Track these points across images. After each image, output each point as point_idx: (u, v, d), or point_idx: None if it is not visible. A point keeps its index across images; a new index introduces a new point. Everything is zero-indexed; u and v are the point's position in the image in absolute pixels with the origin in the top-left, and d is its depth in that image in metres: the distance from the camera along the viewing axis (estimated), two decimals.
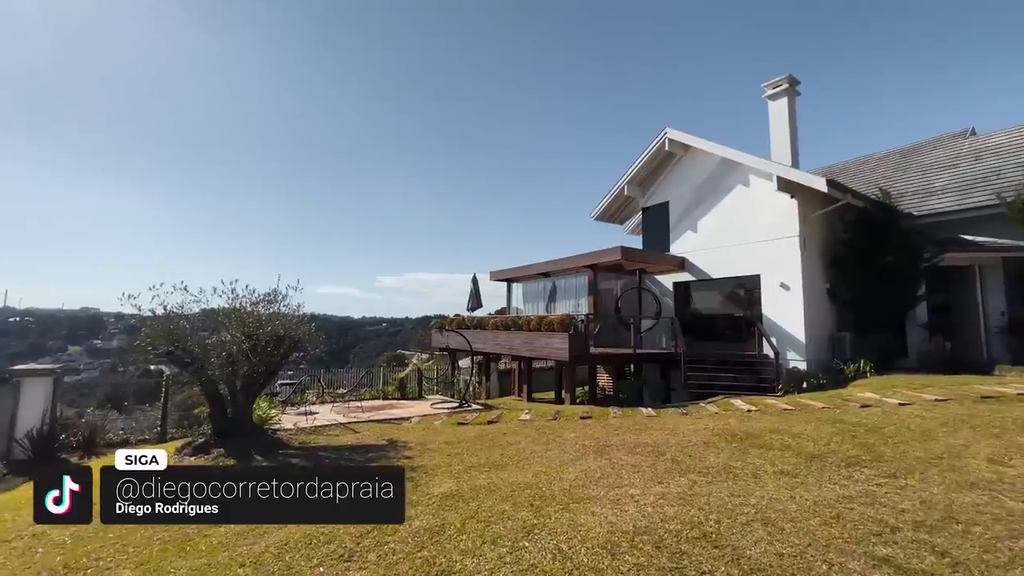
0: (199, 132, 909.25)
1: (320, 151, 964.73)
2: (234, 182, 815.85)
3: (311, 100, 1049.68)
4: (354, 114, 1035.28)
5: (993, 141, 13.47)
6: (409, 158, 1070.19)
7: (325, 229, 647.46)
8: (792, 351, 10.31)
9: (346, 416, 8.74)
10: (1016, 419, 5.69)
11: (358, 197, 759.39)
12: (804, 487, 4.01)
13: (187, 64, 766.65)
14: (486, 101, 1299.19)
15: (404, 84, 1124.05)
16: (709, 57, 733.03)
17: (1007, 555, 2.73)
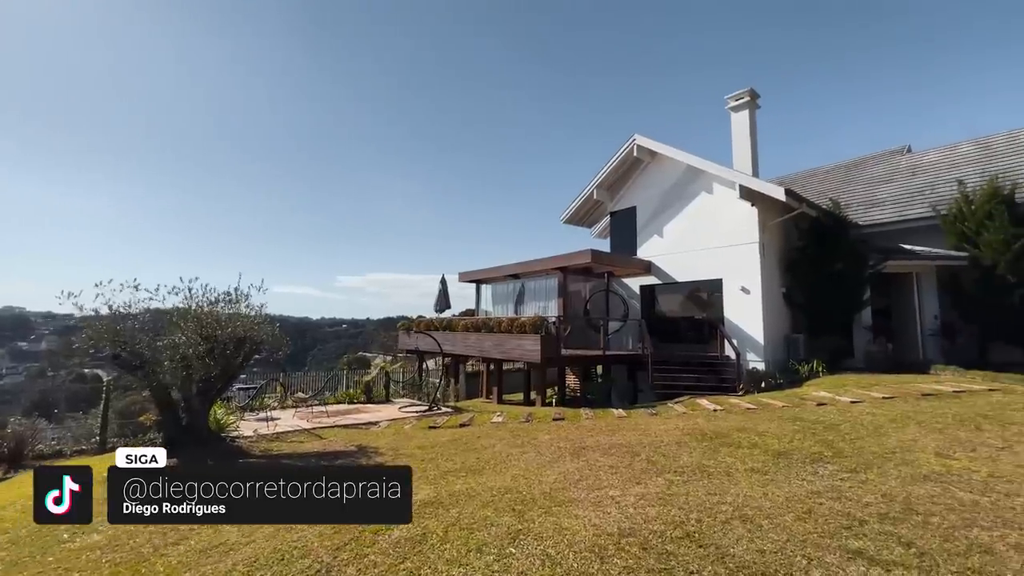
0: (150, 127, 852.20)
1: (283, 148, 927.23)
2: (188, 178, 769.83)
3: (272, 96, 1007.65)
4: (319, 111, 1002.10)
5: (927, 158, 14.64)
6: (375, 157, 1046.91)
7: (284, 227, 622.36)
8: (751, 352, 10.77)
9: (310, 421, 8.36)
10: (954, 415, 6.16)
11: (319, 195, 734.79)
12: (775, 484, 4.15)
13: (151, 61, 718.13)
14: (455, 102, 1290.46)
15: (377, 82, 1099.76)
16: (678, 66, 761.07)
17: (964, 544, 2.91)
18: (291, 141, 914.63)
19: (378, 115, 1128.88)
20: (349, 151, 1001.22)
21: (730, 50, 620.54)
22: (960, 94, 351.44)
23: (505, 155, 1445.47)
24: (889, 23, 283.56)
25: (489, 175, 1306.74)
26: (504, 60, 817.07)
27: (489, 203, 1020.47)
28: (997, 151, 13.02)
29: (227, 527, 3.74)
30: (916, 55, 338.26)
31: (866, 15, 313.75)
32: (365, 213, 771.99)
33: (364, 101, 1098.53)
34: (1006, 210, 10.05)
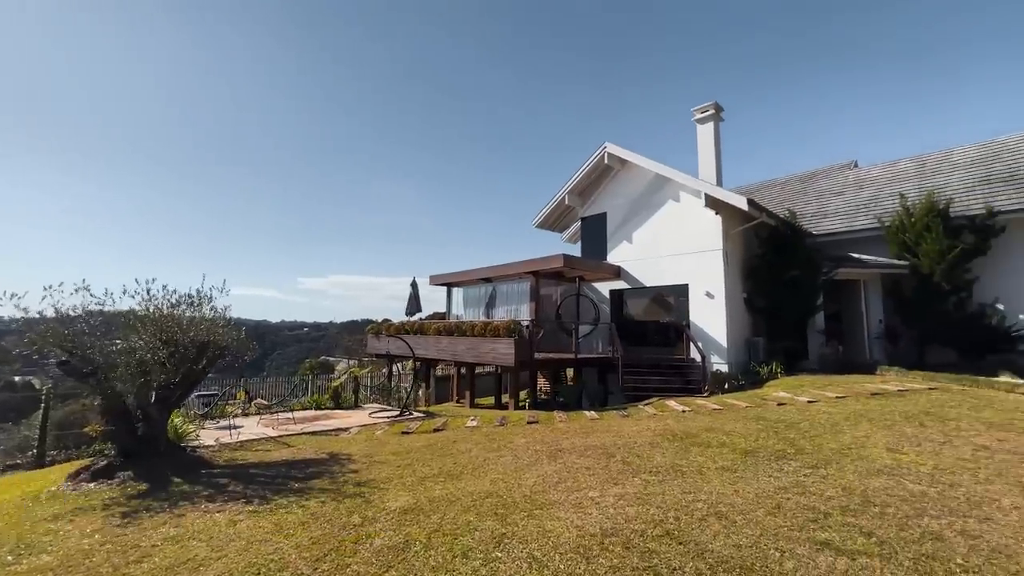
0: (111, 123, 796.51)
1: (249, 147, 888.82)
2: (146, 176, 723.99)
3: (235, 96, 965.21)
4: (288, 110, 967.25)
5: (872, 173, 15.72)
6: (342, 157, 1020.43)
7: (243, 227, 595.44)
8: (715, 354, 11.20)
9: (276, 429, 8.05)
10: (900, 412, 6.62)
11: (282, 194, 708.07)
12: (744, 481, 4.34)
13: (115, 58, 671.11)
14: (426, 106, 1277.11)
15: (350, 85, 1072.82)
16: (647, 76, 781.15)
17: (918, 532, 3.15)
18: (259, 140, 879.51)
19: (349, 117, 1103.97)
20: (317, 151, 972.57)
21: (701, 63, 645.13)
22: (904, 113, 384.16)
23: (477, 159, 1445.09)
24: (837, 49, 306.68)
25: (460, 179, 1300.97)
26: (477, 64, 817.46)
27: (460, 208, 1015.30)
28: (932, 168, 14.14)
29: (194, 542, 3.56)
30: (863, 76, 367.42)
31: (816, 46, 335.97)
32: (330, 213, 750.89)
33: (335, 102, 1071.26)
34: (941, 223, 10.92)
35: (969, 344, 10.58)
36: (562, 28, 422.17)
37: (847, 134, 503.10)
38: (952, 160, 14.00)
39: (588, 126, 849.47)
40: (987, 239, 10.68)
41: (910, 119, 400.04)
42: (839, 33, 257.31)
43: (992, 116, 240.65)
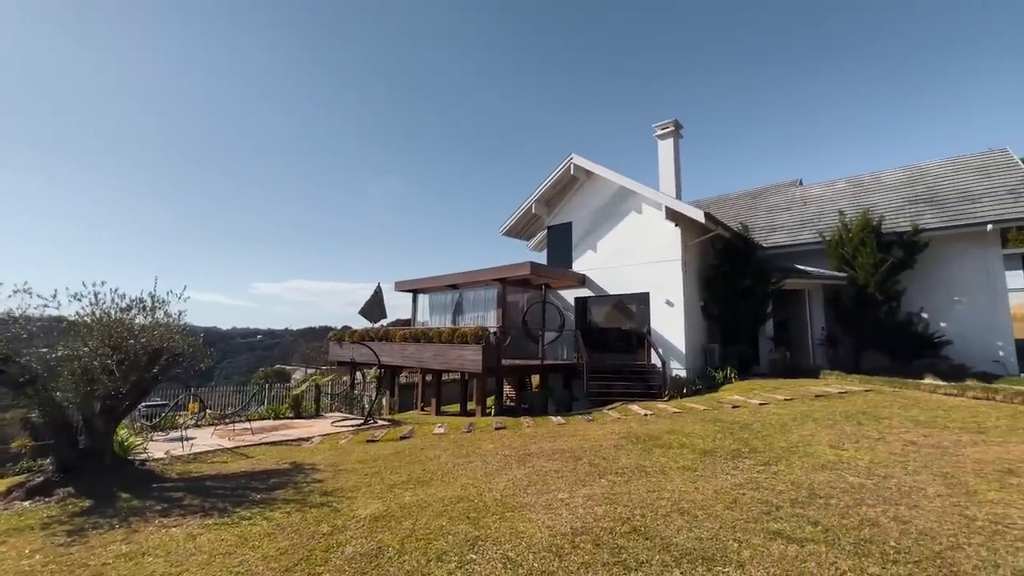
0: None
1: (192, 146, 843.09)
2: (82, 176, 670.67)
3: (188, 94, 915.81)
4: (237, 111, 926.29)
5: (815, 191, 16.92)
6: (302, 159, 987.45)
7: (191, 228, 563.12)
8: (675, 360, 11.66)
9: (232, 440, 7.70)
10: (841, 412, 7.16)
11: (236, 195, 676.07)
12: (704, 479, 4.58)
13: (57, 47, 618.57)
14: (396, 113, 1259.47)
15: (319, 84, 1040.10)
16: (614, 81, 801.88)
17: (857, 519, 3.45)
18: (211, 138, 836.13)
19: (313, 118, 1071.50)
20: (275, 149, 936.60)
21: (660, 75, 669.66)
22: (845, 137, 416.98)
23: (447, 165, 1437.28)
24: (781, 69, 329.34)
25: (429, 185, 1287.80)
26: (452, 81, 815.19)
27: (424, 212, 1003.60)
28: (867, 188, 15.41)
29: (150, 558, 3.39)
30: (803, 97, 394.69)
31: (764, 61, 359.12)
32: (287, 215, 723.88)
33: (296, 99, 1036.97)
34: (875, 238, 11.91)
35: (899, 349, 11.55)
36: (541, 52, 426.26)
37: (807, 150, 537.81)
38: (883, 181, 15.31)
39: (559, 135, 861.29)
40: (913, 254, 11.74)
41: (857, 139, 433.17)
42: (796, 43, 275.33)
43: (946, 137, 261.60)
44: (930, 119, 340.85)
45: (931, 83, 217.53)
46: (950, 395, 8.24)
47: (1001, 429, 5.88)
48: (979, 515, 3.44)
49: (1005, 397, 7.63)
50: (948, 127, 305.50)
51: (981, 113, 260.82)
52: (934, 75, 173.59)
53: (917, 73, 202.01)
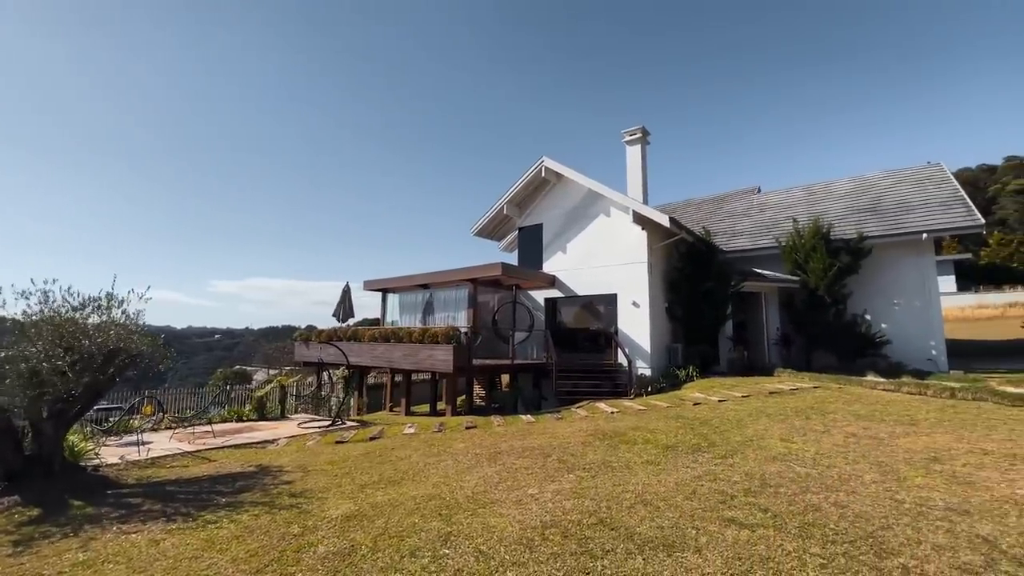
0: None
1: (145, 139, 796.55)
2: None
3: (145, 89, 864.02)
4: (199, 104, 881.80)
5: (771, 198, 17.82)
6: (262, 152, 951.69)
7: (146, 222, 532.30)
8: (640, 359, 12.06)
9: (192, 443, 7.44)
10: (792, 408, 7.64)
11: (193, 188, 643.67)
12: (666, 472, 4.82)
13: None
14: (367, 114, 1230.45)
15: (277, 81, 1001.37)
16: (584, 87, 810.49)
17: (802, 505, 3.74)
18: (168, 127, 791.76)
19: (277, 113, 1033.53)
20: (237, 147, 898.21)
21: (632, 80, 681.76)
22: (803, 146, 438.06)
23: (418, 164, 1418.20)
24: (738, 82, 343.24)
25: (398, 183, 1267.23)
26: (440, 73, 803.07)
27: (395, 211, 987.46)
28: (818, 197, 16.37)
29: (110, 565, 3.30)
30: (765, 106, 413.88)
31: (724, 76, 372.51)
32: (248, 210, 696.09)
33: (260, 92, 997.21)
34: (824, 244, 12.69)
35: (845, 349, 12.36)
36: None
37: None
38: (832, 191, 16.31)
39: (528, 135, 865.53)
40: (858, 260, 12.58)
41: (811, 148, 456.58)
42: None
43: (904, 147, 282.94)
44: (884, 130, 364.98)
45: (892, 93, 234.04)
46: (888, 391, 8.91)
47: (930, 421, 6.45)
48: (907, 499, 3.80)
49: (935, 392, 8.33)
50: (900, 138, 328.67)
51: (930, 125, 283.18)
52: (894, 86, 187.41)
53: (876, 84, 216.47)
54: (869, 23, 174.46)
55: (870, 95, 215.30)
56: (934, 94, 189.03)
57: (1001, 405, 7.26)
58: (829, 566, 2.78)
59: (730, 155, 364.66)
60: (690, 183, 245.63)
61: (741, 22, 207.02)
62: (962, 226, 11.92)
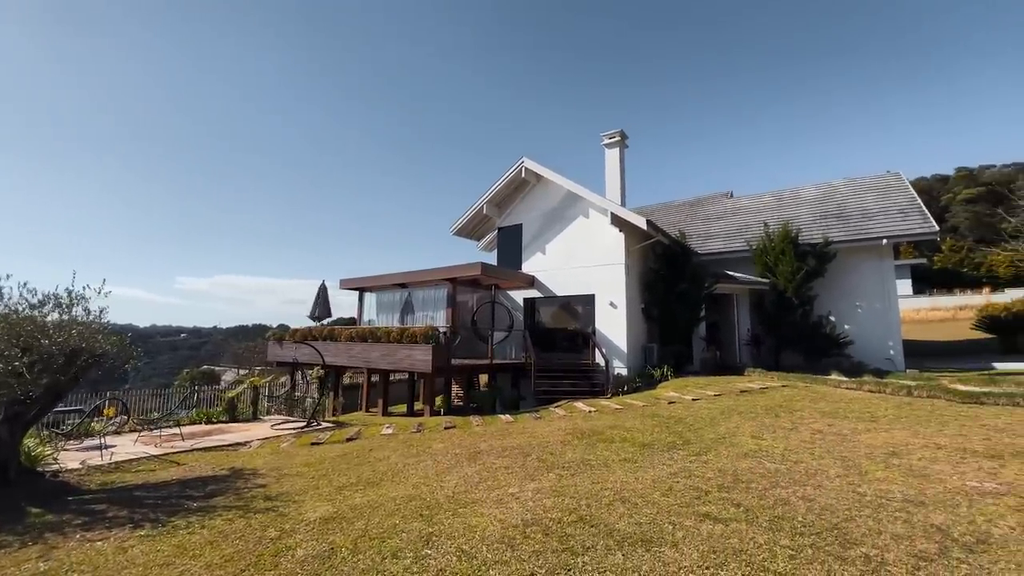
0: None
1: (111, 128, 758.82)
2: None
3: (112, 73, 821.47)
4: (163, 85, 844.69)
5: (743, 203, 18.38)
6: (234, 146, 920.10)
7: (108, 218, 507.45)
8: (617, 359, 12.26)
9: (159, 447, 7.17)
10: (762, 406, 7.91)
11: (160, 183, 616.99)
12: (643, 470, 4.94)
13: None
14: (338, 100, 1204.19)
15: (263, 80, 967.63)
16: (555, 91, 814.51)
17: (772, 499, 3.90)
18: (134, 117, 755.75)
19: (247, 106, 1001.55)
20: (206, 135, 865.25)
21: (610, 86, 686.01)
22: (772, 152, 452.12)
23: (394, 165, 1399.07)
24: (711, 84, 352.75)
25: (379, 181, 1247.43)
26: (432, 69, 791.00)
27: (361, 213, 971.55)
28: (787, 202, 16.98)
29: (74, 575, 3.17)
30: (738, 111, 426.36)
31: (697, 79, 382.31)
32: (220, 206, 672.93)
33: (242, 98, 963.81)
34: (793, 248, 13.19)
35: (811, 349, 12.86)
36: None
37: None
38: (800, 197, 16.95)
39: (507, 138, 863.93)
40: (824, 263, 13.12)
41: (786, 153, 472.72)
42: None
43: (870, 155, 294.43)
44: (849, 137, 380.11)
45: (855, 100, 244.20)
46: (850, 389, 9.32)
47: (889, 418, 6.79)
48: (868, 492, 4.01)
49: (893, 390, 8.77)
50: (863, 145, 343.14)
51: (892, 133, 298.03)
52: (856, 93, 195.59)
53: (839, 90, 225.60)
54: (841, 26, 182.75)
55: (834, 101, 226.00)
56: (896, 103, 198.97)
57: (952, 403, 7.70)
58: (798, 557, 2.92)
59: (703, 155, 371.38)
60: (666, 181, 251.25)
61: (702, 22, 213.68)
62: (919, 233, 12.58)
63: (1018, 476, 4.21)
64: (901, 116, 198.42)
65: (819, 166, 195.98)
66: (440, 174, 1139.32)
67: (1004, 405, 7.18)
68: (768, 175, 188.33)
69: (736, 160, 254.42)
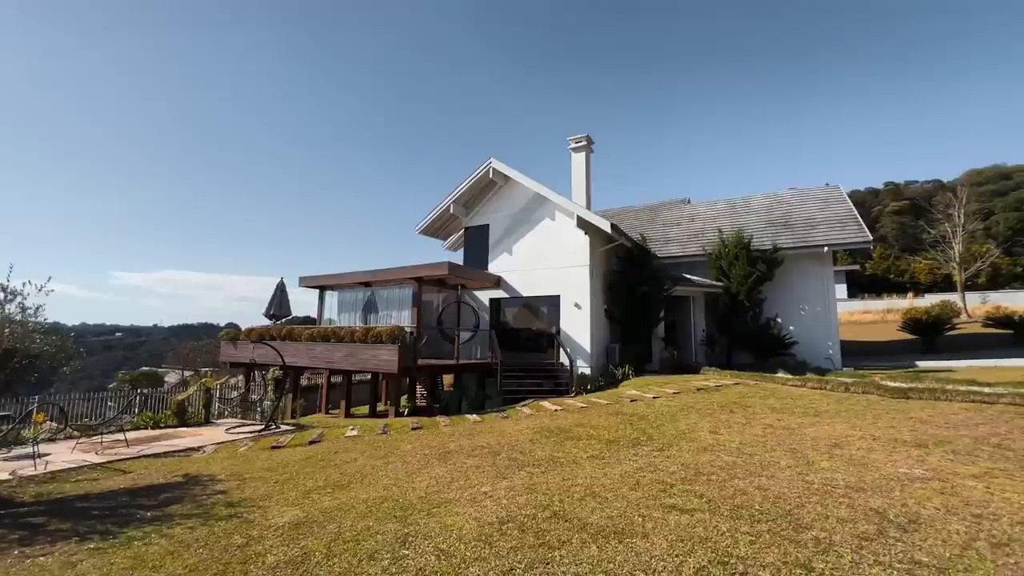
0: None
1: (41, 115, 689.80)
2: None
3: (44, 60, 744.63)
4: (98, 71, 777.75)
5: (699, 209, 19.25)
6: (185, 135, 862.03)
7: (27, 203, 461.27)
8: (581, 359, 12.53)
9: (101, 454, 6.68)
10: (718, 403, 8.35)
11: (94, 168, 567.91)
12: (610, 465, 5.12)
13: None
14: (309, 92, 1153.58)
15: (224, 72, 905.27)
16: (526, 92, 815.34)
17: (731, 490, 4.15)
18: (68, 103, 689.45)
19: (212, 97, 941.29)
20: (155, 120, 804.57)
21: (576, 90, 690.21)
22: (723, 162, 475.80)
23: (354, 159, 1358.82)
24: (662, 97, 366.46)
25: (323, 177, 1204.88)
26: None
27: (326, 209, 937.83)
28: (739, 210, 17.94)
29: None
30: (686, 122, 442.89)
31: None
32: (159, 195, 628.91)
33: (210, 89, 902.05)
34: (746, 254, 13.96)
35: (760, 349, 13.67)
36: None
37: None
38: (751, 205, 17.96)
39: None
40: (773, 268, 13.99)
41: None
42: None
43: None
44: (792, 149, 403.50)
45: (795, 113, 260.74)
46: (796, 386, 9.99)
47: (830, 412, 7.35)
48: (815, 480, 4.34)
49: (832, 387, 9.48)
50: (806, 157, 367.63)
51: (828, 148, 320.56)
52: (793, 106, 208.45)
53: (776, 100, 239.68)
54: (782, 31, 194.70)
55: (778, 115, 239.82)
56: (833, 119, 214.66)
57: (884, 398, 8.43)
58: (757, 542, 3.14)
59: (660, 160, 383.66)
60: (636, 190, 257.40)
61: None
62: (855, 241, 13.66)
63: (940, 462, 4.69)
64: (841, 132, 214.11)
65: (766, 176, 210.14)
66: (415, 167, 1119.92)
67: (927, 399, 7.94)
68: (719, 183, 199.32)
69: (695, 166, 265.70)
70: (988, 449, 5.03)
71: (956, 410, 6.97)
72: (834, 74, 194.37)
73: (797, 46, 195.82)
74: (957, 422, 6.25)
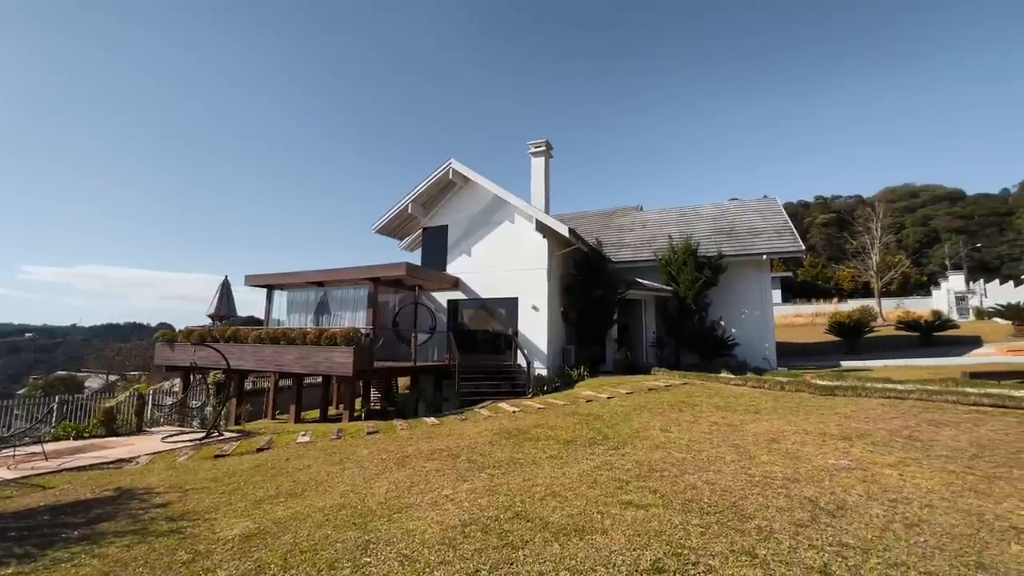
0: None
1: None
2: None
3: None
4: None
5: (651, 216, 20.08)
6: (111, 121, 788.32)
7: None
8: (538, 360, 12.72)
9: (14, 469, 6.04)
10: (667, 402, 8.75)
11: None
12: (569, 465, 5.25)
13: None
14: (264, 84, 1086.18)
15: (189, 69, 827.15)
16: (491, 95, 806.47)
17: (683, 485, 4.39)
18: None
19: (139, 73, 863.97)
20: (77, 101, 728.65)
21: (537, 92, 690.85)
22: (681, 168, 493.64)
23: (312, 150, 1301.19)
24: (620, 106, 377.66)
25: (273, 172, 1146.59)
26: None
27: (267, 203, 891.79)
28: (688, 217, 18.89)
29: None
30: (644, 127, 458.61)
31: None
32: (81, 181, 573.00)
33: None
34: (693, 260, 14.73)
35: (706, 350, 14.46)
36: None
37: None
38: (699, 213, 18.96)
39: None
40: (717, 274, 14.84)
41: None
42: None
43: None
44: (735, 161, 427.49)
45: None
46: (738, 385, 10.66)
47: (768, 410, 7.91)
48: (757, 473, 4.68)
49: (770, 386, 10.20)
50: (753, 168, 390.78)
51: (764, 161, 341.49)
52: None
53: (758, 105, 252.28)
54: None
55: (727, 126, 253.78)
56: (769, 136, 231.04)
57: (814, 395, 9.17)
58: (707, 532, 3.35)
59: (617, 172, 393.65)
60: (594, 195, 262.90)
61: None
62: (791, 250, 14.76)
63: (862, 453, 5.19)
64: (774, 147, 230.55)
65: (711, 185, 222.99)
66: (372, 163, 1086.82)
67: (851, 396, 8.72)
68: (670, 191, 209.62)
69: (645, 171, 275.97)
70: (901, 440, 5.62)
71: (874, 406, 7.70)
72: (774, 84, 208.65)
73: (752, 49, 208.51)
74: (875, 416, 6.92)
